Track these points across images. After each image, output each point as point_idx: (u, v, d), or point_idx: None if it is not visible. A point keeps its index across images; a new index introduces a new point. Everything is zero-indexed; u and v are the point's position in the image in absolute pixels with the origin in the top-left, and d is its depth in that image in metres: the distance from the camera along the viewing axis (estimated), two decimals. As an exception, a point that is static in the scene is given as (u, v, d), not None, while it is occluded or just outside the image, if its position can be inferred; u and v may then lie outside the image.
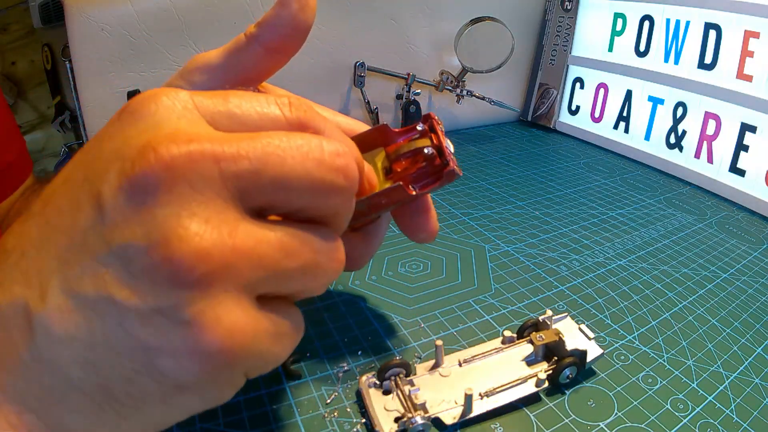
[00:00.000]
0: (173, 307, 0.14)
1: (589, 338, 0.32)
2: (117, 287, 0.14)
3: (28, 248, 0.15)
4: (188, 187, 0.14)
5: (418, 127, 0.25)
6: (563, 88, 0.79)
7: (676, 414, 0.28)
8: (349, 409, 0.28)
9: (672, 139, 0.65)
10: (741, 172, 0.57)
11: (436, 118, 0.25)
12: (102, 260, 0.14)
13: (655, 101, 0.66)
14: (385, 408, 0.27)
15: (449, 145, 0.25)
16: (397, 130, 0.25)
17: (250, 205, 0.16)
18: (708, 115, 0.60)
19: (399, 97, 0.73)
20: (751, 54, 0.55)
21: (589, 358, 0.30)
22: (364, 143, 0.25)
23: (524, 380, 0.29)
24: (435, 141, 0.25)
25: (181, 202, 0.14)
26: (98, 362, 0.14)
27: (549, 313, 0.32)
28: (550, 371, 0.29)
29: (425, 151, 0.24)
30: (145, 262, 0.14)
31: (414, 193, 0.24)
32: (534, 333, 0.31)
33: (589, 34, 0.74)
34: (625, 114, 0.71)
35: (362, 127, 0.27)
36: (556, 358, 0.30)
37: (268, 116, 0.17)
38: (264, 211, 0.17)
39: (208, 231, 0.14)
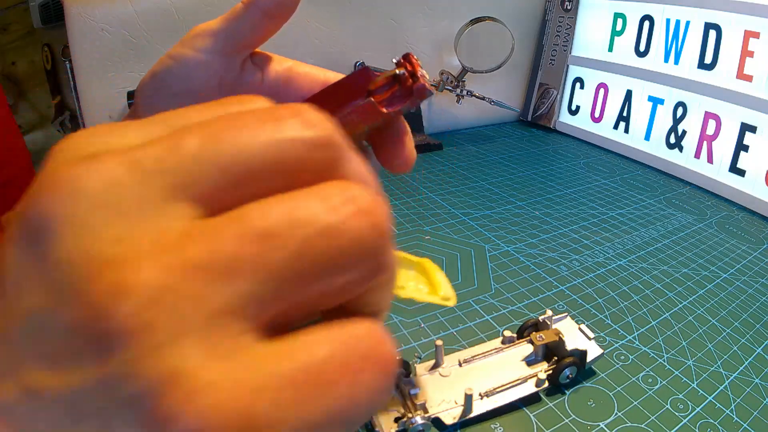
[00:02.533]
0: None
1: (589, 338, 0.32)
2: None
3: None
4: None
5: (393, 60, 0.27)
6: (563, 88, 0.79)
7: (676, 414, 0.28)
8: (349, 409, 0.28)
9: (672, 139, 0.65)
10: (741, 172, 0.57)
11: (415, 57, 0.27)
12: None
13: (655, 101, 0.66)
14: (385, 408, 0.27)
15: (424, 73, 0.26)
16: (378, 73, 0.27)
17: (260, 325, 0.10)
18: (708, 115, 0.60)
19: (399, 97, 0.73)
20: (751, 54, 0.55)
21: (589, 358, 0.30)
22: (348, 87, 0.26)
23: (524, 380, 0.29)
24: (409, 68, 0.26)
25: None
26: None
27: (549, 313, 0.32)
28: (550, 371, 0.29)
29: (397, 72, 0.25)
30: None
31: (385, 110, 0.24)
32: (534, 333, 0.31)
33: (589, 34, 0.74)
34: (625, 114, 0.71)
35: None
36: (556, 358, 0.30)
37: (284, 160, 0.10)
38: (279, 319, 0.11)
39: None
